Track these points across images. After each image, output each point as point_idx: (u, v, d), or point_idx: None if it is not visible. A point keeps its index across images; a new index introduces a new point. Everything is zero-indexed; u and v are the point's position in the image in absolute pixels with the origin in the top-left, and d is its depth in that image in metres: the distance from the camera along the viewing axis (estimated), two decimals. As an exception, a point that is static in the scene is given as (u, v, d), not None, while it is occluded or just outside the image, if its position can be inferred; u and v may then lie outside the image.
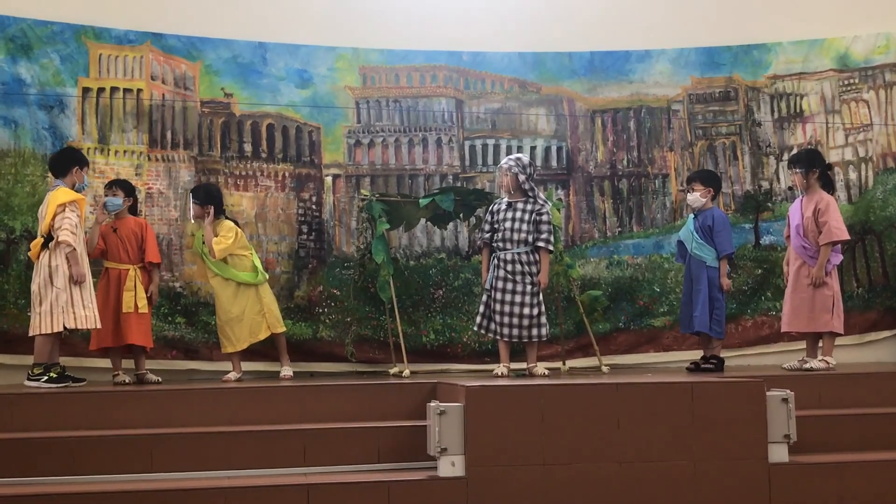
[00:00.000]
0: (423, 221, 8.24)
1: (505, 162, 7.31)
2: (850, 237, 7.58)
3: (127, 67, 8.13)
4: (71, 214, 6.77)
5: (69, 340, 7.26)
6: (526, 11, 8.84)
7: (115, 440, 5.63)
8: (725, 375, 6.95)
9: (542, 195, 7.33)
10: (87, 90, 8.00)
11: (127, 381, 7.21)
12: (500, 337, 7.15)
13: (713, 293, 7.46)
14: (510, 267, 7.10)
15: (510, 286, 7.09)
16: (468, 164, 8.73)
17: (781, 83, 8.95)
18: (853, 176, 8.82)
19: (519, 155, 7.49)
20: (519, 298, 7.07)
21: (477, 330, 7.31)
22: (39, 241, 6.81)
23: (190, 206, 7.64)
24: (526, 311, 7.06)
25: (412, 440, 5.72)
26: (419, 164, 8.66)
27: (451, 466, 5.40)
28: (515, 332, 7.09)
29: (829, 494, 5.64)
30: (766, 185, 8.87)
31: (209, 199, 7.52)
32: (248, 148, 8.35)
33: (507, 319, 7.08)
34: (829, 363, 7.23)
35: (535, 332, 7.09)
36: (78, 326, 6.79)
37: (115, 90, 8.08)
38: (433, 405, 5.47)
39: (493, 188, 8.36)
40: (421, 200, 7.97)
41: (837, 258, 7.43)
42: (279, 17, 8.47)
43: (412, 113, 8.68)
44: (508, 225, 7.13)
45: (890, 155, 8.83)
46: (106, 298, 7.18)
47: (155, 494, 5.19)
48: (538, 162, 8.67)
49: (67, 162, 7.04)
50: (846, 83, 8.92)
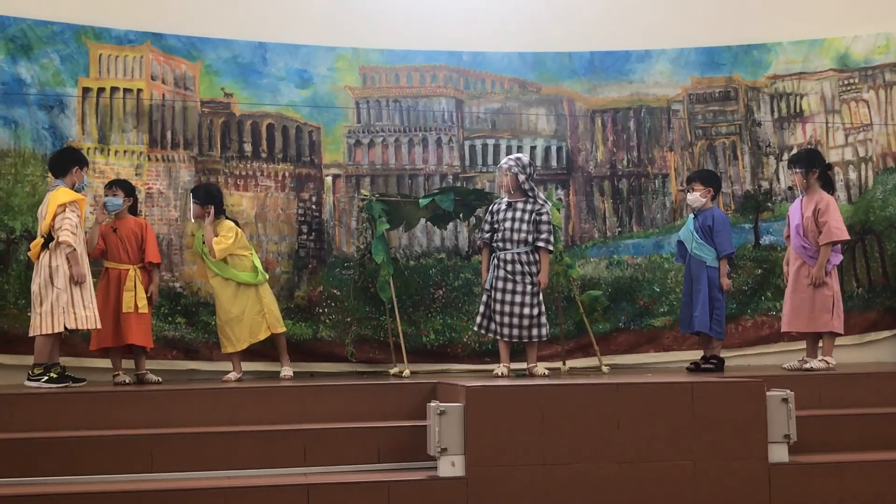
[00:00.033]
0: (423, 221, 8.23)
1: (505, 162, 7.31)
2: (849, 237, 7.58)
3: (127, 67, 8.13)
4: (71, 215, 6.77)
5: (69, 340, 7.26)
6: (526, 11, 8.84)
7: (115, 440, 5.63)
8: (725, 375, 6.95)
9: (541, 195, 7.32)
10: (87, 90, 8.00)
11: (127, 381, 7.21)
12: (500, 337, 7.15)
13: (713, 293, 7.46)
14: (510, 267, 7.09)
15: (510, 286, 7.09)
16: (468, 164, 8.73)
17: (781, 83, 8.95)
18: (853, 176, 8.82)
19: (519, 155, 7.49)
20: (519, 298, 7.07)
21: (477, 330, 7.31)
22: (39, 241, 6.81)
23: (190, 205, 7.63)
24: (526, 311, 7.06)
25: (412, 440, 5.72)
26: (419, 164, 8.66)
27: (451, 466, 5.40)
28: (515, 332, 7.09)
29: (829, 494, 5.64)
30: (765, 185, 8.87)
31: (209, 198, 7.52)
32: (248, 148, 8.35)
33: (507, 319, 7.08)
34: (829, 363, 7.23)
35: (535, 332, 7.09)
36: (78, 327, 6.79)
37: (115, 90, 8.08)
38: (433, 405, 5.47)
39: (493, 188, 8.35)
40: (421, 200, 7.97)
41: (837, 258, 7.43)
42: (279, 17, 8.47)
43: (412, 113, 8.68)
44: (508, 225, 7.13)
45: (890, 155, 8.83)
46: (106, 298, 7.18)
47: (155, 494, 5.19)
48: (538, 162, 8.67)
49: (67, 162, 7.04)
50: (846, 83, 8.91)
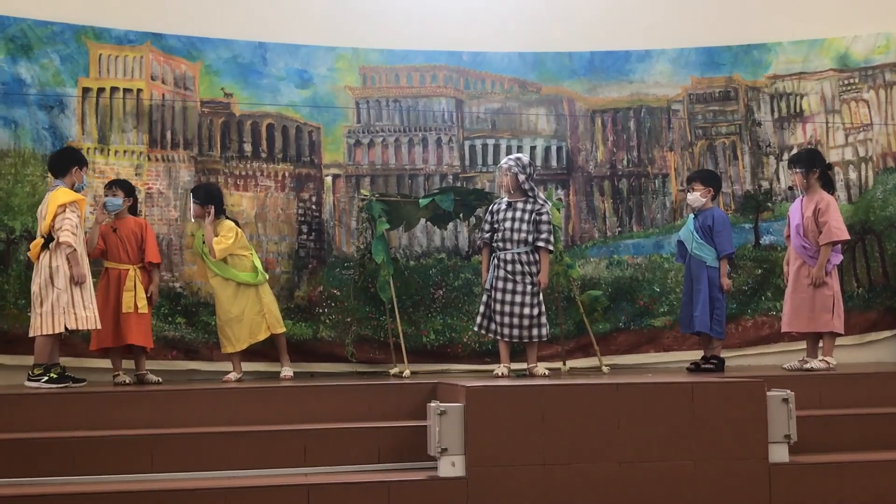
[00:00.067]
0: (423, 221, 8.23)
1: (505, 162, 7.31)
2: (850, 237, 7.57)
3: (127, 67, 8.12)
4: (71, 215, 6.77)
5: (69, 341, 7.26)
6: (526, 11, 8.83)
7: (115, 440, 5.63)
8: (725, 375, 6.95)
9: (541, 195, 7.32)
10: (87, 90, 7.99)
11: (127, 381, 7.21)
12: (500, 337, 7.15)
13: (713, 293, 7.46)
14: (510, 267, 7.09)
15: (510, 286, 7.08)
16: (468, 164, 8.73)
17: (781, 83, 8.95)
18: (853, 176, 8.82)
19: (519, 155, 7.49)
20: (519, 298, 7.07)
21: (477, 330, 7.31)
22: (39, 241, 6.81)
23: (190, 205, 7.63)
24: (526, 311, 7.06)
25: (412, 440, 5.72)
26: (419, 164, 8.66)
27: (451, 466, 5.40)
28: (516, 332, 7.09)
29: (829, 494, 5.64)
30: (766, 184, 8.87)
31: (210, 198, 7.52)
32: (248, 148, 8.35)
33: (507, 319, 7.08)
34: (829, 363, 7.23)
35: (535, 332, 7.09)
36: (79, 327, 6.79)
37: (115, 90, 8.08)
38: (433, 405, 5.47)
39: (493, 188, 8.35)
40: (421, 200, 7.97)
41: (837, 258, 7.43)
42: (279, 17, 8.47)
43: (412, 113, 8.68)
44: (508, 225, 7.13)
45: (890, 155, 8.82)
46: (106, 299, 7.18)
47: (155, 495, 5.19)
48: (538, 162, 8.67)
49: (67, 162, 7.03)
50: (846, 83, 8.91)
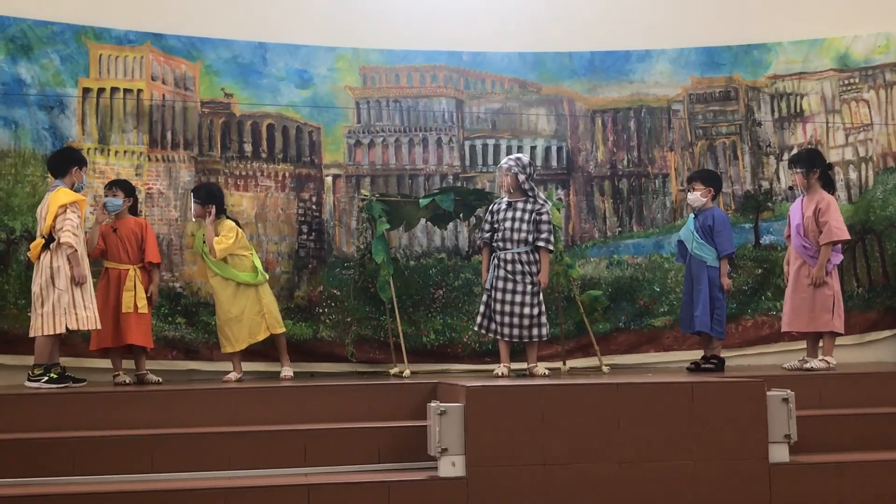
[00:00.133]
0: (423, 221, 8.23)
1: (505, 162, 7.31)
2: (850, 237, 7.57)
3: (127, 68, 8.12)
4: (72, 216, 6.77)
5: (69, 341, 7.26)
6: (526, 11, 8.83)
7: (115, 440, 5.63)
8: (726, 375, 6.94)
9: (542, 195, 7.32)
10: (87, 90, 8.00)
11: (127, 381, 7.21)
12: (500, 337, 7.15)
13: (714, 293, 7.46)
14: (510, 267, 7.09)
15: (510, 286, 7.08)
16: (468, 164, 8.73)
17: (781, 83, 8.95)
18: (853, 176, 8.82)
19: (519, 155, 7.49)
20: (519, 298, 7.07)
21: (477, 330, 7.31)
22: (40, 241, 6.80)
23: (191, 205, 7.63)
24: (526, 310, 7.06)
25: (412, 440, 5.72)
26: (419, 164, 8.66)
27: (451, 466, 5.40)
28: (516, 331, 7.09)
29: (829, 494, 5.64)
30: (766, 184, 8.87)
31: (210, 198, 7.52)
32: (248, 148, 8.35)
33: (507, 319, 7.08)
34: (829, 363, 7.23)
35: (535, 331, 7.09)
36: (80, 327, 6.79)
37: (115, 90, 8.08)
38: (433, 405, 5.47)
39: (493, 188, 8.35)
40: (421, 200, 7.97)
41: (838, 258, 7.43)
42: (279, 17, 8.47)
43: (412, 113, 8.68)
44: (508, 225, 7.13)
45: (890, 154, 8.82)
46: (106, 299, 7.18)
47: (155, 495, 5.19)
48: (538, 162, 8.67)
49: (67, 162, 7.03)
50: (846, 83, 8.91)
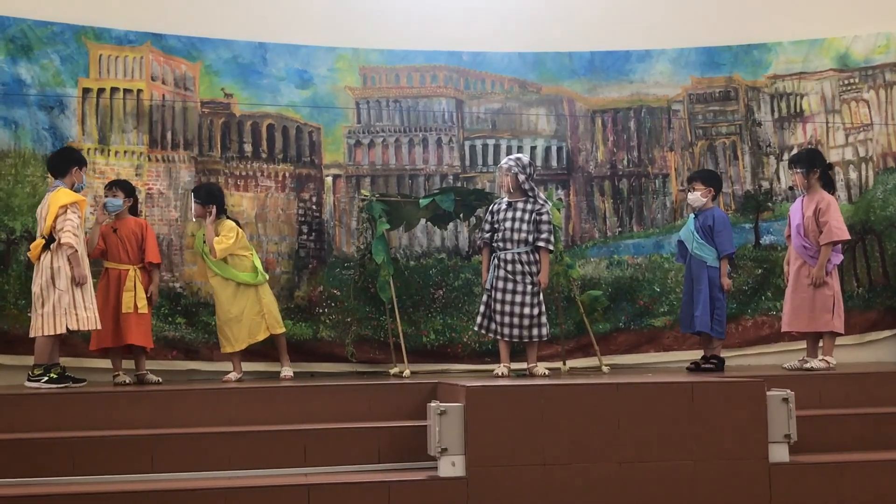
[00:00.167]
0: (423, 221, 8.23)
1: (505, 162, 7.31)
2: (850, 237, 7.57)
3: (127, 68, 8.12)
4: (73, 216, 6.77)
5: (69, 341, 7.26)
6: (526, 11, 8.83)
7: (115, 440, 5.63)
8: (725, 375, 6.94)
9: (542, 195, 7.33)
10: (87, 91, 8.00)
11: (127, 381, 7.21)
12: (500, 337, 7.15)
13: (714, 293, 7.46)
14: (510, 267, 7.09)
15: (510, 286, 7.08)
16: (468, 164, 8.73)
17: (781, 83, 8.95)
18: (853, 175, 8.82)
19: (519, 155, 7.49)
20: (519, 298, 7.07)
21: (477, 330, 7.31)
22: (40, 242, 6.80)
23: (192, 205, 7.63)
24: (526, 310, 7.06)
25: (412, 440, 5.72)
26: (419, 164, 8.66)
27: (451, 466, 5.40)
28: (516, 331, 7.09)
29: (829, 494, 5.64)
30: (766, 184, 8.87)
31: (211, 198, 7.52)
32: (248, 148, 8.35)
33: (507, 319, 7.08)
34: (829, 363, 7.23)
35: (535, 331, 7.09)
36: (80, 328, 6.79)
37: (115, 91, 8.08)
38: (433, 405, 5.47)
39: (493, 188, 8.36)
40: (421, 200, 7.97)
41: (838, 258, 7.43)
42: (279, 17, 8.47)
43: (412, 113, 8.68)
44: (508, 225, 7.13)
45: (890, 154, 8.82)
46: (106, 299, 7.18)
47: (155, 495, 5.19)
48: (538, 162, 8.67)
49: (67, 162, 7.03)
50: (846, 83, 8.91)
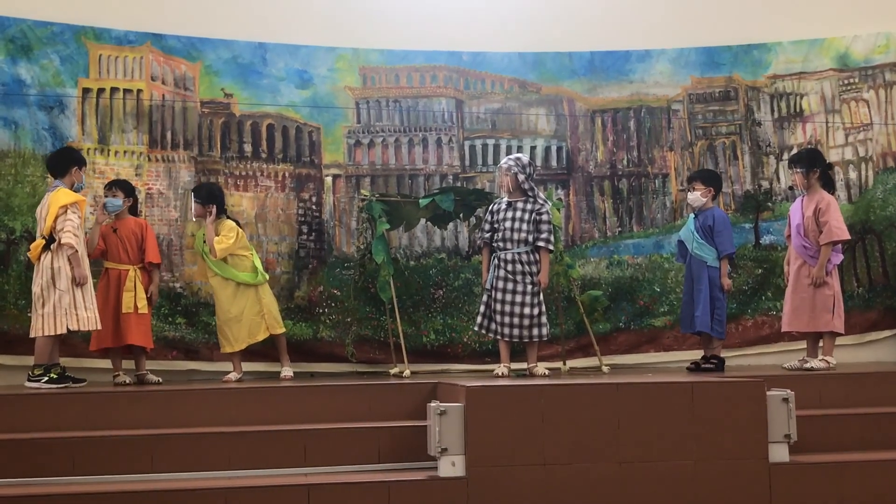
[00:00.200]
0: (423, 221, 8.23)
1: (505, 162, 7.31)
2: (850, 237, 7.58)
3: (127, 68, 8.13)
4: (73, 216, 6.77)
5: (69, 341, 7.26)
6: (526, 11, 8.83)
7: (115, 440, 5.63)
8: (726, 375, 6.95)
9: (541, 195, 7.33)
10: (87, 91, 8.00)
11: (127, 381, 7.21)
12: (500, 337, 7.15)
13: (714, 293, 7.46)
14: (510, 267, 7.09)
15: (510, 286, 7.08)
16: (468, 164, 8.73)
17: (781, 83, 8.95)
18: (853, 175, 8.82)
19: (519, 155, 7.49)
20: (519, 298, 7.07)
21: (477, 330, 7.31)
22: (40, 242, 6.80)
23: (192, 205, 7.63)
24: (526, 310, 7.06)
25: (412, 440, 5.72)
26: (419, 164, 8.66)
27: (451, 466, 5.40)
28: (516, 331, 7.09)
29: (829, 494, 5.64)
30: (766, 184, 8.87)
31: (211, 198, 7.52)
32: (248, 148, 8.35)
33: (507, 319, 7.08)
34: (829, 363, 7.23)
35: (535, 331, 7.09)
36: (80, 328, 6.79)
37: (115, 91, 8.08)
38: (433, 405, 5.47)
39: (493, 188, 8.36)
40: (421, 200, 7.97)
41: (838, 258, 7.43)
42: (279, 17, 8.47)
43: (412, 113, 8.68)
44: (508, 225, 7.13)
45: (890, 154, 8.82)
46: (106, 299, 7.18)
47: (155, 495, 5.19)
48: (538, 162, 8.67)
49: (66, 162, 7.03)
50: (846, 83, 8.91)
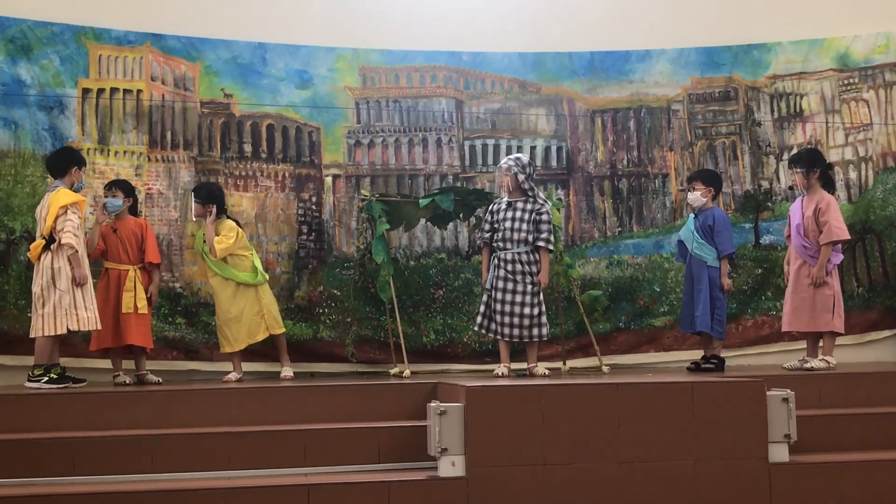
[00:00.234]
0: (423, 221, 8.23)
1: (504, 162, 7.31)
2: (850, 237, 7.58)
3: (127, 68, 8.13)
4: (73, 216, 6.77)
5: (69, 341, 7.25)
6: (526, 11, 8.84)
7: (115, 441, 5.63)
8: (726, 375, 6.95)
9: (541, 195, 7.33)
10: (86, 91, 8.00)
11: (127, 381, 7.21)
12: (500, 337, 7.15)
13: (714, 293, 7.46)
14: (510, 267, 7.09)
15: (510, 286, 7.08)
16: (468, 164, 8.73)
17: (781, 83, 8.95)
18: (853, 175, 8.82)
19: (518, 155, 7.50)
20: (519, 298, 7.07)
21: (477, 330, 7.31)
22: (40, 242, 6.80)
23: (192, 205, 7.63)
24: (526, 310, 7.06)
25: (412, 440, 5.72)
26: (419, 164, 8.66)
27: (451, 466, 5.40)
28: (516, 331, 7.09)
29: (829, 494, 5.64)
30: (766, 184, 8.87)
31: (211, 198, 7.52)
32: (247, 148, 8.35)
33: (507, 319, 7.08)
34: (829, 363, 7.23)
35: (535, 331, 7.09)
36: (80, 328, 6.79)
37: (114, 91, 8.08)
38: (433, 405, 5.47)
39: (493, 188, 8.36)
40: (421, 200, 7.97)
41: (838, 258, 7.43)
42: (279, 17, 8.47)
43: (412, 113, 8.68)
44: (508, 225, 7.13)
45: (890, 154, 8.82)
46: (106, 299, 7.18)
47: (156, 495, 5.19)
48: (538, 162, 8.67)
49: (66, 162, 7.03)
50: (846, 83, 8.91)
